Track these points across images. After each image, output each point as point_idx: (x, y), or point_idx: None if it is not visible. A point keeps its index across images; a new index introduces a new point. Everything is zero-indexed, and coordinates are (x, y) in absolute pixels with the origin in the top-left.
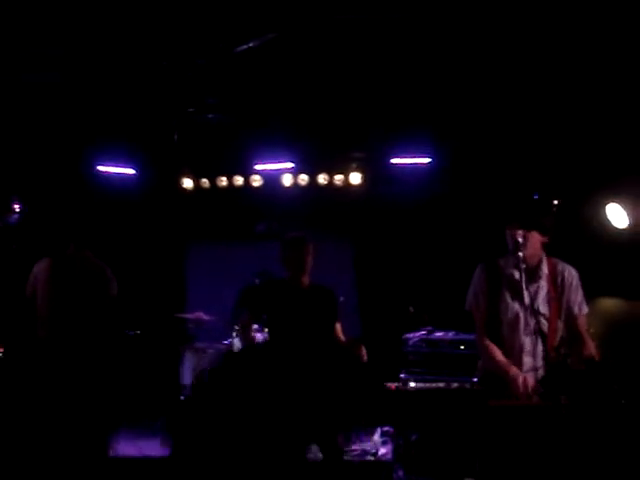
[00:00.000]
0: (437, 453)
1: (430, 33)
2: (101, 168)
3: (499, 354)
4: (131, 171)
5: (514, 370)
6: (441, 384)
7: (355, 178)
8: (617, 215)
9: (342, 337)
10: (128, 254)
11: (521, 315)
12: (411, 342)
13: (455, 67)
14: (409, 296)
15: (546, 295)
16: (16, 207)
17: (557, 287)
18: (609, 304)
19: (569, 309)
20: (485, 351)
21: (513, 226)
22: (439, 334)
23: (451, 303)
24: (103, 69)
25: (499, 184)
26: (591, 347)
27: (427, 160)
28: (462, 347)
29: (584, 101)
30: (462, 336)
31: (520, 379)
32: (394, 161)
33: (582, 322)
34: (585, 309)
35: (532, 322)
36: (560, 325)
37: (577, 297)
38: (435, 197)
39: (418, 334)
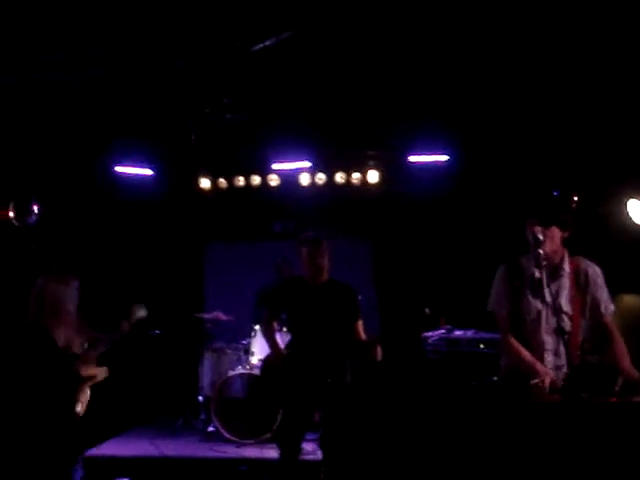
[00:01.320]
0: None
1: (448, 30)
2: (119, 169)
3: (525, 352)
4: (149, 172)
5: (541, 367)
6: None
7: (373, 176)
8: (638, 211)
9: (363, 336)
10: (146, 255)
11: (543, 313)
12: (430, 341)
13: (473, 64)
14: (428, 294)
15: (568, 293)
16: (35, 208)
17: (580, 285)
18: (630, 301)
19: (595, 308)
20: (511, 349)
21: (532, 222)
22: (458, 333)
23: (470, 301)
24: (120, 70)
25: (518, 181)
26: (622, 347)
27: (445, 158)
28: (481, 346)
29: (604, 96)
30: (481, 335)
31: (548, 377)
32: (412, 159)
33: (610, 321)
34: (611, 307)
35: (553, 320)
36: (583, 323)
37: (602, 295)
38: (453, 195)
39: (437, 333)
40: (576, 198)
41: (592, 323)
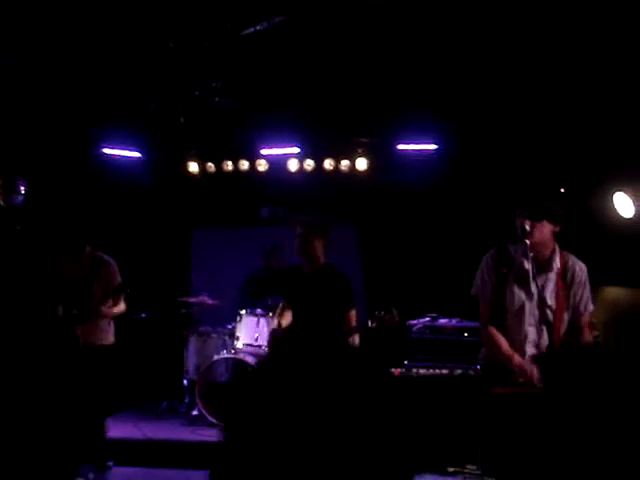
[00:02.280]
0: (439, 439)
1: (438, 18)
2: (107, 151)
3: (504, 342)
4: (136, 154)
5: (518, 358)
6: (445, 371)
7: (361, 164)
8: (624, 204)
9: (353, 324)
10: (132, 237)
11: (527, 305)
12: (415, 328)
13: (462, 53)
14: (414, 282)
15: (554, 287)
16: (21, 188)
17: (566, 281)
18: (614, 293)
19: (575, 305)
20: (489, 338)
21: (522, 214)
22: (443, 321)
23: (456, 290)
24: (109, 51)
25: (506, 170)
26: (588, 340)
27: (433, 147)
28: (466, 334)
29: (592, 88)
30: (466, 323)
31: (526, 368)
32: (400, 147)
33: (585, 319)
34: (590, 307)
35: (537, 313)
36: (566, 318)
37: (584, 294)
38: (441, 183)
39: (422, 321)
40: (562, 190)
41: (569, 318)
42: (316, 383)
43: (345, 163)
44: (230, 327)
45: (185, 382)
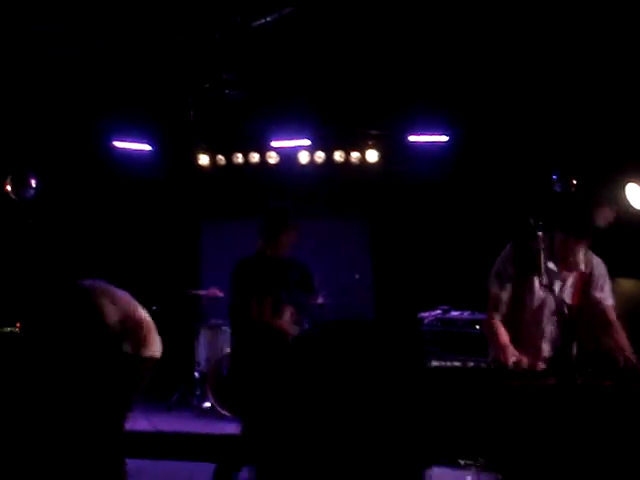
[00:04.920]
0: (451, 432)
1: (450, 9)
2: (117, 144)
3: (503, 335)
4: (147, 147)
5: (511, 351)
6: (457, 363)
7: (372, 156)
8: (636, 195)
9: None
10: (143, 230)
11: (547, 303)
12: (427, 321)
13: (473, 44)
14: (425, 275)
15: (574, 286)
16: (32, 182)
17: (585, 281)
18: (628, 285)
19: (597, 301)
20: (491, 329)
21: (575, 241)
22: (455, 313)
23: (467, 282)
24: (119, 44)
25: (516, 162)
26: (623, 337)
27: (444, 138)
28: (477, 327)
29: (603, 80)
30: (477, 316)
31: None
32: (411, 139)
33: (610, 311)
34: (610, 301)
35: (556, 311)
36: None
37: (604, 289)
38: (452, 175)
39: (434, 313)
40: (575, 181)
41: (594, 315)
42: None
43: (356, 155)
44: None
45: (196, 374)
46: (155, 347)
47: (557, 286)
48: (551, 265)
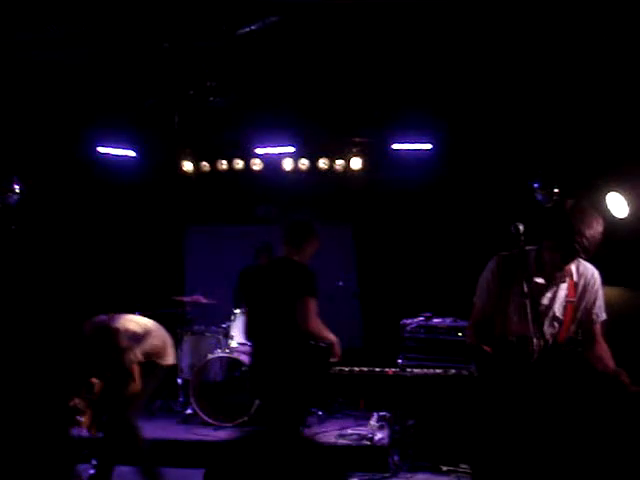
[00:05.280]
0: (433, 439)
1: (431, 18)
2: (101, 150)
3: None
4: (131, 153)
5: None
6: (439, 370)
7: (356, 163)
8: (617, 204)
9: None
10: (127, 236)
11: (532, 317)
12: (409, 328)
13: (456, 53)
14: (409, 282)
15: (564, 299)
16: (16, 188)
17: (577, 290)
18: (610, 294)
19: (588, 314)
20: (469, 338)
21: (553, 251)
22: (437, 320)
23: (450, 289)
24: (104, 50)
25: (499, 171)
26: (606, 353)
27: (428, 146)
28: (460, 334)
29: (585, 88)
30: (460, 323)
31: None
32: (395, 147)
33: (599, 328)
34: (603, 316)
35: (546, 325)
36: (572, 329)
37: (597, 302)
38: (435, 183)
39: (416, 320)
40: (557, 190)
41: (581, 328)
42: None
43: (340, 162)
44: (224, 326)
45: (179, 381)
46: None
47: (546, 299)
48: (539, 280)
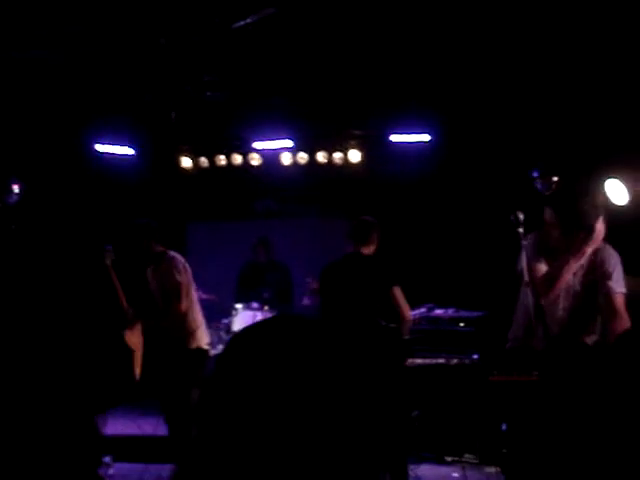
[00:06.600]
0: (437, 429)
1: (430, 8)
2: (99, 147)
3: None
4: (130, 151)
5: None
6: (441, 360)
7: (354, 156)
8: (616, 191)
9: None
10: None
11: (562, 291)
12: None
13: (454, 44)
14: (409, 274)
15: (582, 273)
16: (15, 187)
17: (594, 266)
18: None
19: (606, 287)
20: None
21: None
22: (439, 311)
23: (451, 280)
24: (101, 47)
25: (498, 161)
26: (627, 324)
27: (427, 138)
28: (462, 324)
29: (583, 76)
30: (462, 313)
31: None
32: (393, 139)
33: (619, 300)
34: (621, 288)
35: (569, 299)
36: (586, 303)
37: (614, 276)
38: (435, 174)
39: (418, 311)
40: (556, 179)
41: (602, 302)
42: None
43: (338, 155)
44: (226, 322)
45: None
46: None
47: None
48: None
